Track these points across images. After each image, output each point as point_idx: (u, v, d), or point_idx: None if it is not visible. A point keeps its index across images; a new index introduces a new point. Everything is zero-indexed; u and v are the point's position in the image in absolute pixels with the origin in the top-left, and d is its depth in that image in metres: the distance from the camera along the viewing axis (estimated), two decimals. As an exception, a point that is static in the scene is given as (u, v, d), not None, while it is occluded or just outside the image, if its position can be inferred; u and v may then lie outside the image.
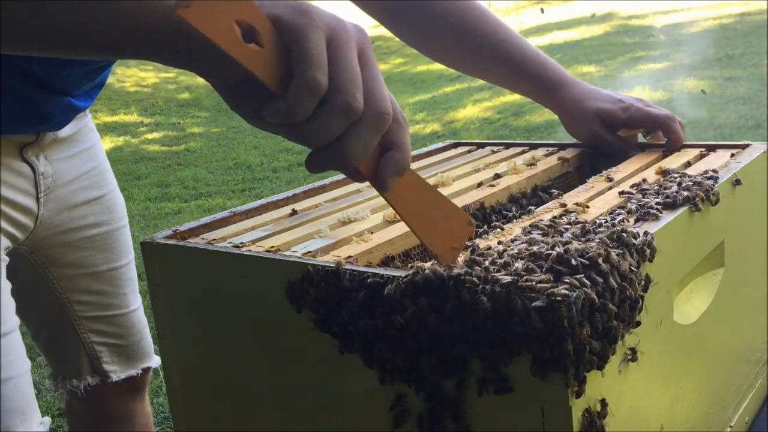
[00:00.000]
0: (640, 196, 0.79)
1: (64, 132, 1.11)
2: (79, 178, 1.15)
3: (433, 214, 0.64)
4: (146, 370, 1.29)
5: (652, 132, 1.09)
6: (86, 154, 1.17)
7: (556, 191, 0.88)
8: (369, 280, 0.63)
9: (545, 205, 0.82)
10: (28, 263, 1.15)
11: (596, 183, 0.89)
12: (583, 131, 1.09)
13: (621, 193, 0.82)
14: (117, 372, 1.25)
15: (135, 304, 1.26)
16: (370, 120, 0.56)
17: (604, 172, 0.93)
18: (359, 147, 0.57)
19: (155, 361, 1.30)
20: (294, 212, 0.89)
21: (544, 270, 0.59)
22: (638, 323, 0.63)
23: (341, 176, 1.03)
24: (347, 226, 0.81)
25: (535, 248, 0.63)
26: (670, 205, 0.75)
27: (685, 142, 1.05)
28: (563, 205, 0.79)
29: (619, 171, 0.93)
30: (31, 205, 1.08)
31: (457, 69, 1.19)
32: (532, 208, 0.82)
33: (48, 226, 1.12)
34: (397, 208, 0.62)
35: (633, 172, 0.93)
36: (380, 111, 0.56)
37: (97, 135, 1.22)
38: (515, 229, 0.73)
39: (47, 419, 1.03)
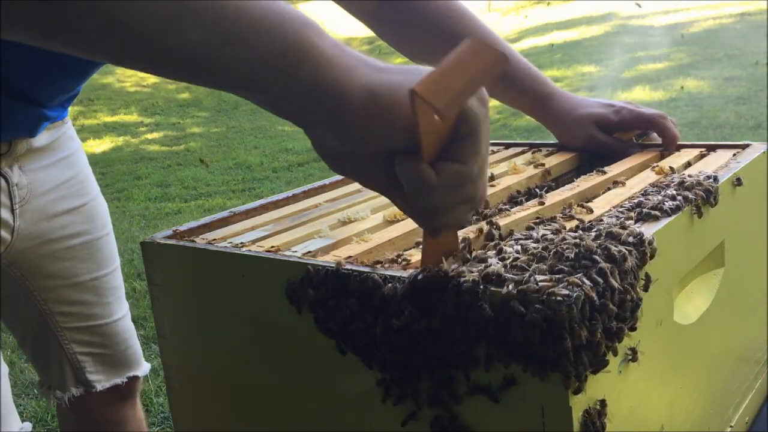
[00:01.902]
0: (640, 196, 0.79)
1: (40, 141, 1.08)
2: (57, 188, 1.12)
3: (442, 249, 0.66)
4: (133, 378, 1.26)
5: (645, 134, 1.09)
6: (65, 162, 1.14)
7: (566, 188, 0.88)
8: (369, 280, 0.63)
9: (546, 205, 0.82)
10: (8, 276, 1.13)
11: (582, 182, 0.89)
12: (580, 138, 1.08)
13: (614, 184, 0.82)
14: (101, 381, 1.22)
15: (120, 312, 1.23)
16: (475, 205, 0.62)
17: (595, 171, 0.92)
18: (457, 222, 0.63)
19: (143, 369, 1.27)
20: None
21: (544, 270, 0.59)
22: (635, 328, 0.63)
23: (341, 176, 1.03)
24: (347, 226, 0.81)
25: (535, 248, 0.63)
26: (671, 206, 0.74)
27: (685, 142, 1.04)
28: (563, 205, 0.79)
29: (612, 170, 0.93)
30: (7, 217, 1.05)
31: None
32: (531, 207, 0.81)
33: (26, 238, 1.09)
34: (426, 245, 0.65)
35: (625, 170, 0.93)
36: (484, 199, 0.63)
37: (78, 142, 1.19)
38: (515, 228, 0.73)
39: (27, 424, 1.02)
